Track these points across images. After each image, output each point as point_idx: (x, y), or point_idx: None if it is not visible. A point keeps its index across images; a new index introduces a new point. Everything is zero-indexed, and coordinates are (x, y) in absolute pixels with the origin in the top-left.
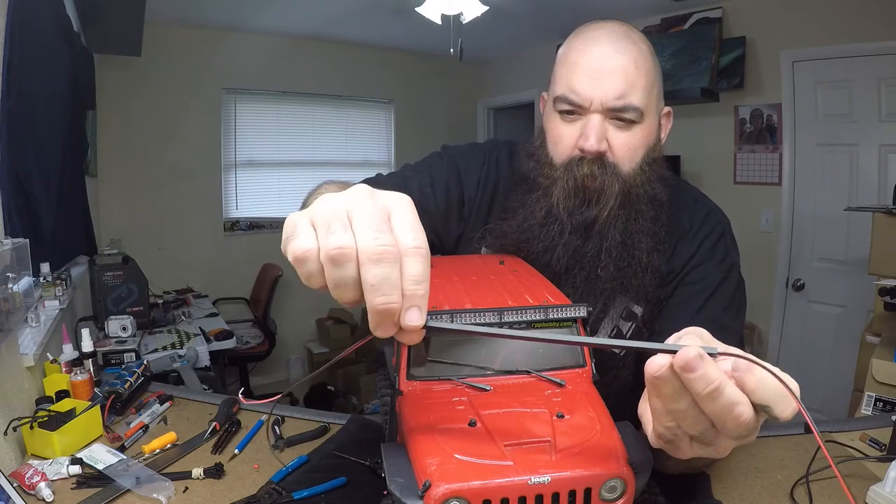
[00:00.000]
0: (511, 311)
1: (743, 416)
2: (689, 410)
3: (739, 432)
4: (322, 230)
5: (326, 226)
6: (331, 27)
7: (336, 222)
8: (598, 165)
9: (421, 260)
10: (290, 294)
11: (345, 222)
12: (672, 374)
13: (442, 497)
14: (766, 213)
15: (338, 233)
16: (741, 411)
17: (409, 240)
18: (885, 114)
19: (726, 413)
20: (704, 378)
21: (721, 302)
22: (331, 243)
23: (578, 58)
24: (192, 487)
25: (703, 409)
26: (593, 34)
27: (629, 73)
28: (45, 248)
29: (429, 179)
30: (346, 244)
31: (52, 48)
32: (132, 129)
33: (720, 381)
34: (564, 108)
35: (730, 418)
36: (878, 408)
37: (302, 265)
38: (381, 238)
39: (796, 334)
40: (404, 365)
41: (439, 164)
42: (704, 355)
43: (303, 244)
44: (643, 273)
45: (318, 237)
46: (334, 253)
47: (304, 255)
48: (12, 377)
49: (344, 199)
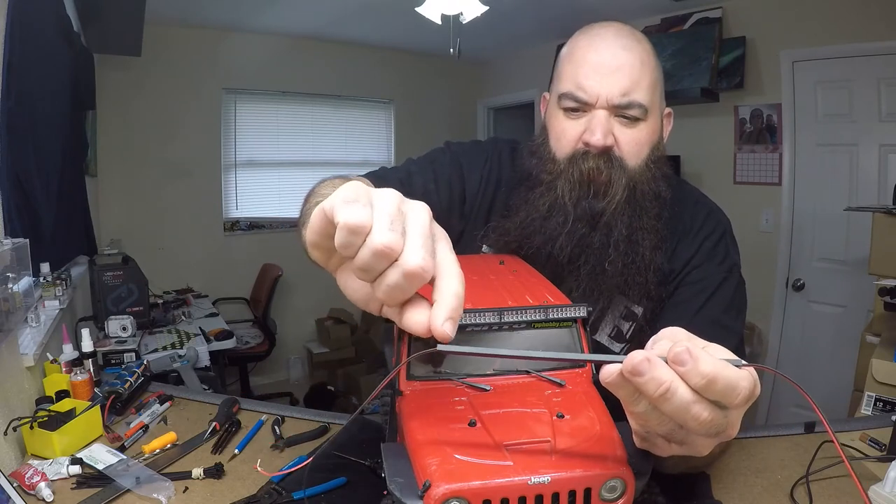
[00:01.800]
0: (511, 311)
1: (702, 415)
2: (649, 412)
3: (707, 430)
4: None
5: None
6: (331, 27)
7: (398, 219)
8: (604, 160)
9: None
10: (290, 294)
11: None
12: (623, 379)
13: (442, 497)
14: (766, 213)
15: (396, 232)
16: (697, 410)
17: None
18: (885, 114)
19: (683, 413)
20: (654, 381)
21: (721, 302)
22: (385, 237)
23: (585, 55)
24: (192, 487)
25: (662, 411)
26: (599, 32)
27: (635, 70)
28: (45, 248)
29: (432, 175)
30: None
31: (52, 48)
32: (132, 129)
33: (670, 383)
34: (569, 104)
35: (689, 418)
36: (878, 408)
37: (347, 234)
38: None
39: (796, 334)
40: (404, 365)
41: (442, 159)
42: (652, 359)
43: (362, 215)
44: (646, 270)
45: (376, 219)
46: (380, 248)
47: (357, 228)
48: (12, 377)
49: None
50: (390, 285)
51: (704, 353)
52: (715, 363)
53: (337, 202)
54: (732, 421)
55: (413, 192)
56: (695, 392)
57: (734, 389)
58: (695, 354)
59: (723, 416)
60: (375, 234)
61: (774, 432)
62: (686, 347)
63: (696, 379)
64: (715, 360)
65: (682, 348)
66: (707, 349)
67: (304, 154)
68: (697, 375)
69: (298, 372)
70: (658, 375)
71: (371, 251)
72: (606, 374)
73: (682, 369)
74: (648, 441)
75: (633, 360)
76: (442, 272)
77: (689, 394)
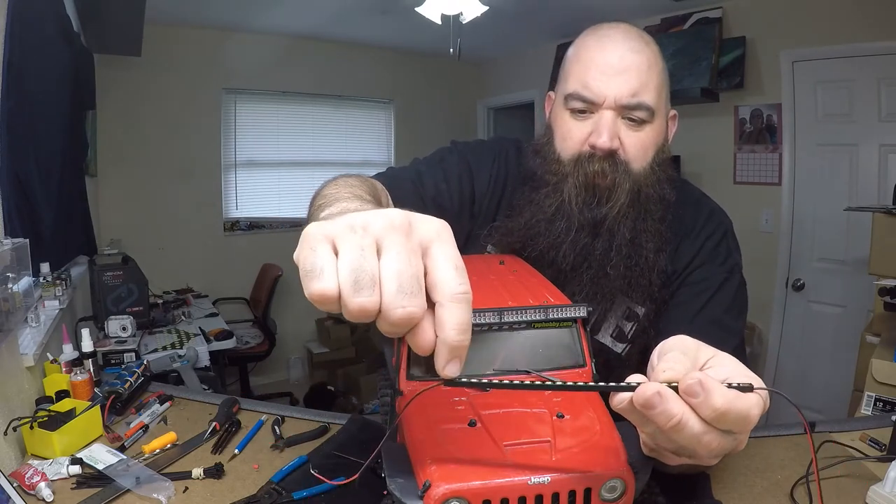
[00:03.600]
0: (511, 311)
1: (712, 444)
2: (658, 434)
3: (716, 454)
4: (346, 277)
5: (353, 276)
6: (331, 27)
7: (364, 274)
8: (610, 163)
9: (466, 306)
10: (290, 294)
11: (373, 274)
12: (633, 407)
13: (442, 497)
14: (766, 213)
15: (364, 291)
16: (708, 440)
17: (454, 285)
18: (885, 114)
19: (694, 443)
20: (665, 414)
21: (722, 303)
22: (354, 303)
23: (593, 55)
24: (192, 487)
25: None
26: (607, 33)
27: (642, 72)
28: (45, 248)
29: (442, 175)
30: (371, 306)
31: (52, 48)
32: (132, 129)
33: (681, 416)
34: (576, 105)
35: (699, 447)
36: (878, 408)
37: (320, 305)
38: (409, 306)
39: (796, 334)
40: (404, 365)
41: (450, 159)
42: (664, 393)
43: (323, 287)
44: (650, 273)
45: (341, 282)
46: (356, 311)
47: (323, 300)
48: (12, 377)
49: (377, 231)
50: (385, 331)
51: (717, 385)
52: (726, 395)
53: (301, 272)
54: (741, 441)
55: (425, 192)
56: (706, 423)
57: (745, 420)
58: (707, 387)
59: (732, 439)
60: (345, 301)
61: (774, 432)
62: (698, 380)
63: (708, 412)
64: (726, 392)
65: (695, 381)
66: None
67: (304, 154)
68: (709, 409)
69: (298, 372)
70: (669, 409)
71: (349, 314)
72: (617, 401)
73: (693, 401)
74: (657, 452)
75: (644, 393)
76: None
77: (699, 425)
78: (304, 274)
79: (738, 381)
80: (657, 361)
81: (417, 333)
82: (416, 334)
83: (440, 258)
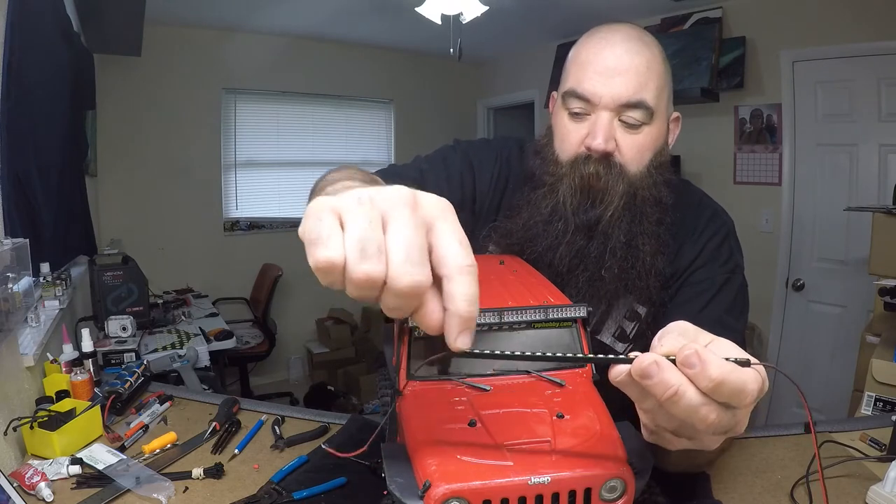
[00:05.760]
0: (511, 311)
1: (710, 417)
2: (657, 410)
3: (715, 430)
4: (353, 245)
5: (359, 244)
6: (331, 27)
7: (371, 243)
8: (605, 165)
9: (473, 279)
10: (290, 294)
11: (380, 243)
12: (632, 380)
13: (442, 497)
14: (766, 213)
15: (371, 259)
16: (705, 412)
17: (461, 258)
18: (885, 114)
19: (691, 415)
20: (662, 384)
21: (724, 303)
22: (360, 270)
23: (591, 56)
24: (192, 487)
25: (670, 413)
26: (607, 35)
27: (641, 74)
28: (45, 248)
29: (444, 174)
30: (377, 274)
31: (52, 48)
32: (132, 129)
33: (679, 387)
34: (574, 105)
35: (697, 419)
36: (878, 408)
37: (324, 275)
38: (415, 274)
39: (796, 334)
40: (404, 365)
41: (453, 157)
42: (661, 362)
43: (329, 255)
44: (647, 276)
45: (347, 250)
46: (361, 280)
47: (329, 268)
48: (12, 377)
49: (383, 204)
50: (390, 307)
51: (713, 357)
52: (723, 366)
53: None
54: (740, 419)
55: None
56: (703, 395)
57: (742, 392)
58: (703, 358)
59: (731, 415)
60: (350, 270)
61: (774, 432)
62: (695, 350)
63: (705, 382)
64: (723, 363)
65: (692, 351)
66: (714, 344)
67: (304, 154)
68: (706, 379)
69: (298, 372)
70: (666, 379)
71: (354, 285)
72: (615, 373)
73: (690, 372)
74: (657, 435)
75: (641, 363)
76: (446, 269)
77: (697, 396)
78: (310, 243)
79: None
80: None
81: (425, 310)
82: (423, 312)
83: (445, 233)
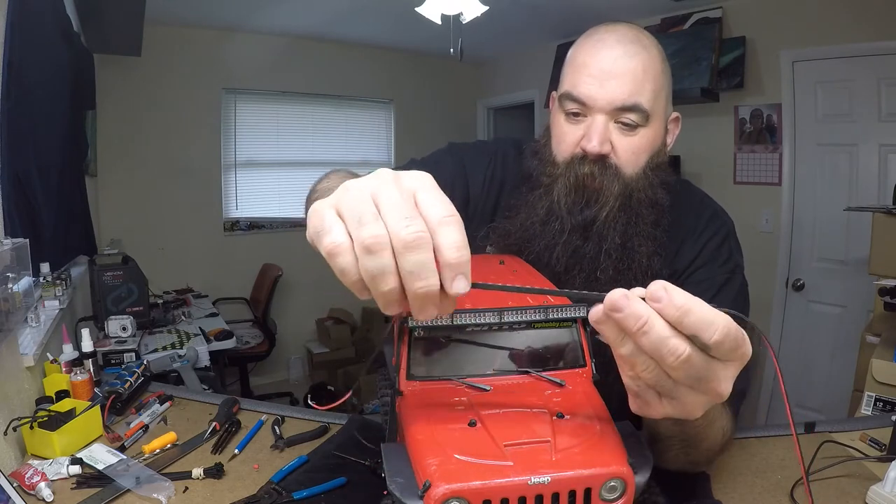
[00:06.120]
0: (511, 311)
1: (678, 349)
2: (636, 353)
3: (687, 372)
4: (352, 221)
5: (357, 217)
6: (331, 27)
7: (366, 213)
8: (600, 166)
9: (457, 227)
10: (290, 294)
11: (374, 212)
12: (607, 317)
13: (442, 497)
14: (766, 213)
15: (370, 223)
16: (674, 344)
17: (441, 212)
18: (885, 114)
19: (661, 347)
20: (632, 315)
21: (724, 303)
22: (364, 234)
23: (587, 59)
24: (192, 487)
25: (643, 349)
26: (604, 36)
27: (636, 77)
28: (45, 248)
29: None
30: (380, 233)
31: (52, 48)
32: (132, 129)
33: (647, 317)
34: (570, 107)
35: (666, 352)
36: (878, 408)
37: (336, 259)
38: (412, 224)
39: (796, 334)
40: (404, 365)
41: (445, 160)
42: (630, 295)
43: (336, 238)
44: (643, 277)
45: (350, 228)
46: (369, 242)
47: (337, 249)
48: (12, 377)
49: (369, 186)
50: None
51: (679, 290)
52: (688, 297)
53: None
54: (718, 373)
55: None
56: (671, 327)
57: (710, 324)
58: (669, 290)
59: (703, 360)
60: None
61: (774, 432)
62: (661, 285)
63: (671, 311)
64: (689, 296)
65: (658, 286)
66: None
67: (304, 154)
68: (672, 307)
69: (298, 372)
70: (636, 309)
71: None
72: (594, 313)
73: (657, 305)
74: (641, 398)
75: (612, 296)
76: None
77: (665, 328)
78: (316, 234)
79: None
80: None
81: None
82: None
83: (426, 197)
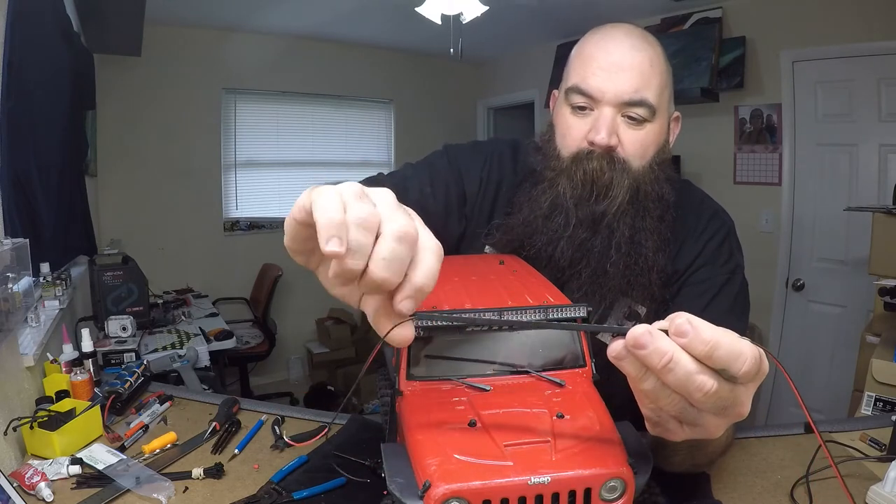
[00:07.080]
0: (511, 311)
1: (706, 385)
2: (658, 389)
3: (714, 403)
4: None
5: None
6: (331, 27)
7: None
8: (608, 160)
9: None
10: (290, 294)
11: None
12: (628, 353)
13: (442, 497)
14: (766, 213)
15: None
16: (702, 381)
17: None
18: (885, 114)
19: (688, 384)
20: (657, 352)
21: (724, 303)
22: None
23: (595, 52)
24: (192, 487)
25: (668, 384)
26: (611, 31)
27: (644, 71)
28: (45, 248)
29: (428, 179)
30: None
31: (52, 48)
32: (132, 129)
33: (673, 353)
34: (577, 100)
35: (693, 388)
36: (878, 408)
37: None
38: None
39: (796, 334)
40: (404, 365)
41: (440, 163)
42: (654, 332)
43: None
44: (649, 272)
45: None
46: (364, 215)
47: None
48: (12, 377)
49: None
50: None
51: (704, 323)
52: (715, 331)
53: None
54: (741, 398)
55: (408, 196)
56: (698, 362)
57: (738, 357)
58: (695, 324)
59: (729, 389)
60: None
61: (774, 432)
62: (686, 318)
63: (699, 346)
64: (715, 329)
65: (683, 319)
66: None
67: (304, 154)
68: (699, 343)
69: (298, 372)
70: (660, 346)
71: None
72: (613, 349)
73: (683, 340)
74: (661, 426)
75: (634, 333)
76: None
77: (692, 364)
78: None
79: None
80: None
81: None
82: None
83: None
